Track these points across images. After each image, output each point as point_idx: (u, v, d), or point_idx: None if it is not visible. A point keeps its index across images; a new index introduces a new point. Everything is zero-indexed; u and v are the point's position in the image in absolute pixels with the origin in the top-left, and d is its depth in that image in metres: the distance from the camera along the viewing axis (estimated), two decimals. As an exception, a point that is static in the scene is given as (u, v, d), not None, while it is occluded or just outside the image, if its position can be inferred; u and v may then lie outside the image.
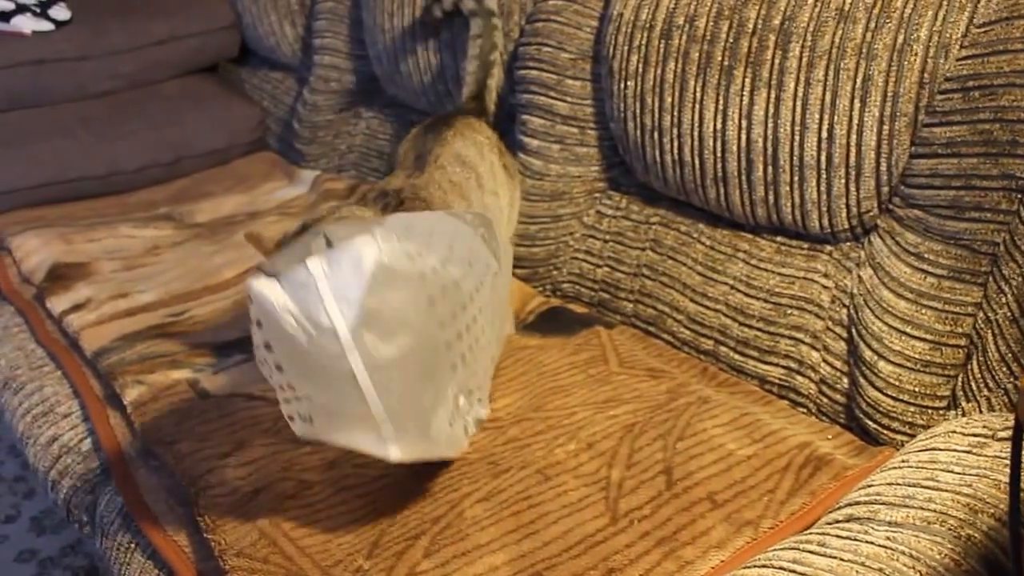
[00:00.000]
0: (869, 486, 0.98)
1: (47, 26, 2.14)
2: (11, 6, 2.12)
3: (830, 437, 1.20)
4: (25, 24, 2.11)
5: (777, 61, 1.24)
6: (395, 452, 0.97)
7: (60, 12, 2.18)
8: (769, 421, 1.19)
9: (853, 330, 1.23)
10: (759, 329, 1.32)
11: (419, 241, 0.96)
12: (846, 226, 1.26)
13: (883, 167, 1.19)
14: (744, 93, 1.27)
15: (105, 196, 2.09)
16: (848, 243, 1.28)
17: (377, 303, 0.88)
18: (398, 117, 2.01)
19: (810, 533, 0.94)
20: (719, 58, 1.30)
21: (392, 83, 1.94)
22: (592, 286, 1.54)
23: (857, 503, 0.96)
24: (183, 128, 2.18)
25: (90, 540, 1.31)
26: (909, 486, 0.95)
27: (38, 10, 2.15)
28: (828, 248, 1.30)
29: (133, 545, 1.18)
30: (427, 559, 1.00)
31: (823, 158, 1.22)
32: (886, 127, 1.17)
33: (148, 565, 1.15)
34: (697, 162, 1.35)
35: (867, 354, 1.20)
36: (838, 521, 0.94)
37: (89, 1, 2.30)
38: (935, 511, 0.90)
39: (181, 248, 1.83)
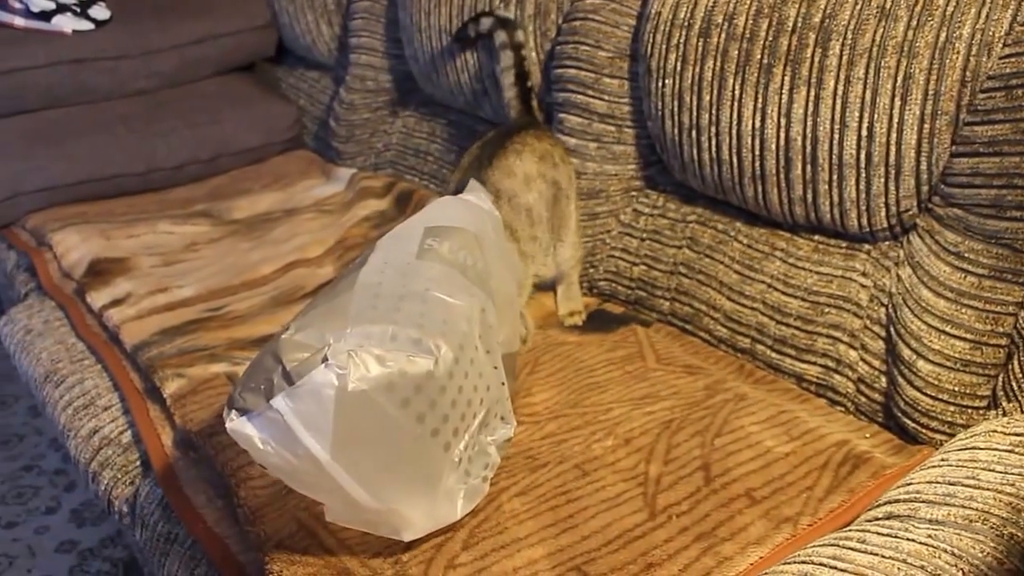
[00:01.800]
0: (909, 484, 0.98)
1: (87, 25, 2.16)
2: (52, 6, 2.14)
3: (868, 435, 1.19)
4: (66, 23, 2.14)
5: (817, 59, 1.24)
6: (406, 535, 1.00)
7: (100, 12, 2.20)
8: (807, 419, 1.19)
9: (892, 329, 1.23)
10: (796, 327, 1.32)
11: (395, 331, 0.95)
12: (885, 225, 1.25)
13: (923, 166, 1.18)
14: (783, 91, 1.27)
15: (144, 193, 2.11)
16: (887, 242, 1.28)
17: (347, 423, 0.90)
18: (434, 115, 2.02)
19: (850, 530, 0.93)
20: (758, 56, 1.30)
21: (428, 81, 1.95)
22: (628, 284, 1.54)
23: (897, 501, 0.95)
24: (221, 126, 2.19)
25: (129, 532, 1.32)
26: (950, 484, 0.94)
27: (78, 9, 2.17)
28: (866, 247, 1.29)
29: (173, 536, 1.19)
30: (465, 551, 1.00)
31: (862, 157, 1.22)
32: (927, 125, 1.16)
33: (187, 556, 1.16)
34: (735, 160, 1.35)
35: (906, 353, 1.20)
36: (878, 519, 0.94)
37: (128, 1, 2.32)
38: (977, 509, 0.90)
39: (219, 244, 1.85)
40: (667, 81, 1.41)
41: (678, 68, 1.39)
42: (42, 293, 1.78)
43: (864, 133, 1.21)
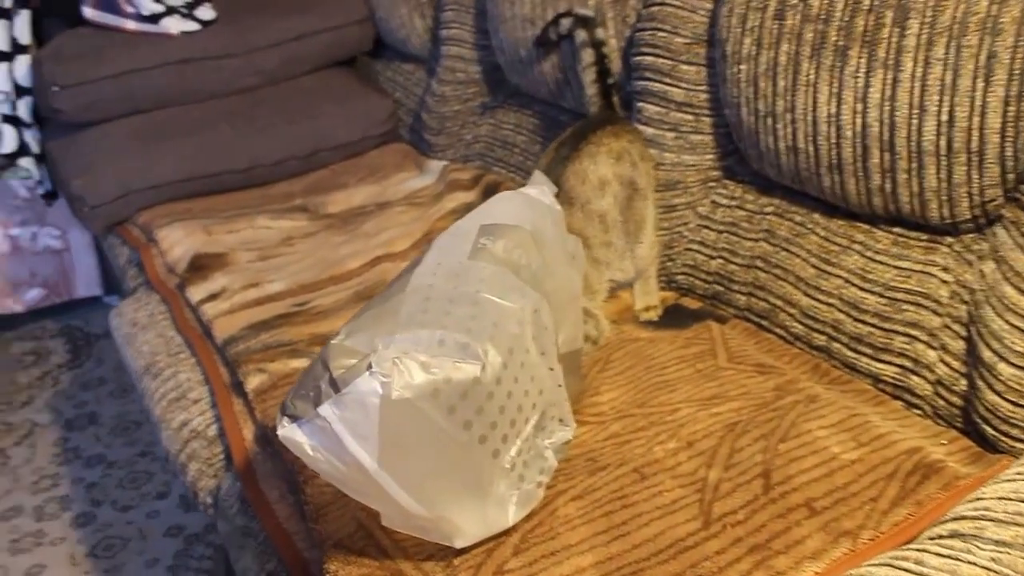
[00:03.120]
0: (979, 499, 0.91)
1: (194, 26, 2.22)
2: (161, 9, 2.21)
3: (944, 442, 1.13)
4: (173, 25, 2.20)
5: (894, 39, 1.17)
6: (458, 542, 0.99)
7: (206, 12, 2.26)
8: (879, 423, 1.13)
9: (972, 328, 1.16)
10: (873, 325, 1.26)
11: (444, 336, 0.94)
12: (968, 216, 1.18)
13: (1008, 152, 1.11)
14: (859, 75, 1.21)
15: (246, 189, 2.16)
16: (970, 235, 1.21)
17: (393, 431, 0.89)
18: (521, 106, 2.01)
19: (908, 549, 0.88)
20: (833, 38, 1.24)
21: (514, 72, 1.93)
22: (706, 278, 1.50)
23: (963, 518, 0.89)
24: (319, 121, 2.23)
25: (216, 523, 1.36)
26: (1021, 502, 0.88)
27: (185, 11, 2.23)
28: (948, 240, 1.23)
29: (249, 530, 1.22)
30: (515, 557, 0.99)
31: (943, 143, 1.15)
32: (1011, 109, 1.09)
33: (260, 551, 1.18)
34: (811, 149, 1.29)
35: (986, 354, 1.12)
36: (941, 537, 0.88)
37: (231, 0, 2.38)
38: (1048, 530, 0.83)
39: (313, 239, 1.88)
40: (742, 66, 1.36)
41: (753, 52, 1.34)
42: (149, 287, 1.85)
43: (944, 118, 1.14)
